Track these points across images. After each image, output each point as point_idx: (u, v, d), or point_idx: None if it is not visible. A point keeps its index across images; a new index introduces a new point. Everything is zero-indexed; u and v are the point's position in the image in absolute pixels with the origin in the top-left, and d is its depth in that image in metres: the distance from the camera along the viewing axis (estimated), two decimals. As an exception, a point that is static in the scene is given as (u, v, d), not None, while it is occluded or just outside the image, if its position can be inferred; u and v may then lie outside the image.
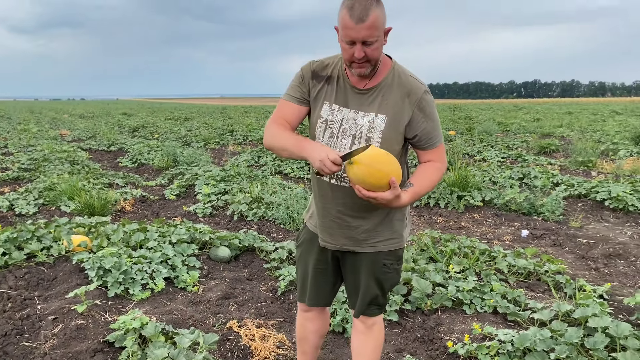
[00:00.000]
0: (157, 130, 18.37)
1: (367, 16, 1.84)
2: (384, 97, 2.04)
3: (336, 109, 2.08)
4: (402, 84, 2.05)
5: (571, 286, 3.79)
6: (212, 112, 36.04)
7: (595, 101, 74.88)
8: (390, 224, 2.18)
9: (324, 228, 2.21)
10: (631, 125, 18.28)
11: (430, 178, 2.06)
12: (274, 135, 2.10)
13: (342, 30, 1.90)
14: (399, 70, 2.09)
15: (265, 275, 4.35)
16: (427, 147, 2.10)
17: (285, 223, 5.62)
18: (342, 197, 2.11)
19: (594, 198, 6.61)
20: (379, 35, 1.89)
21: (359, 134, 2.04)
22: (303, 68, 2.16)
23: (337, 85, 2.10)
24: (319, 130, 2.10)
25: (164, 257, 4.19)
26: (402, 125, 2.03)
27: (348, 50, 1.93)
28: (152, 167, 10.09)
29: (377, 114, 2.03)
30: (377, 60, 1.98)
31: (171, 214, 6.60)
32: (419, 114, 2.04)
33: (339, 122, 2.06)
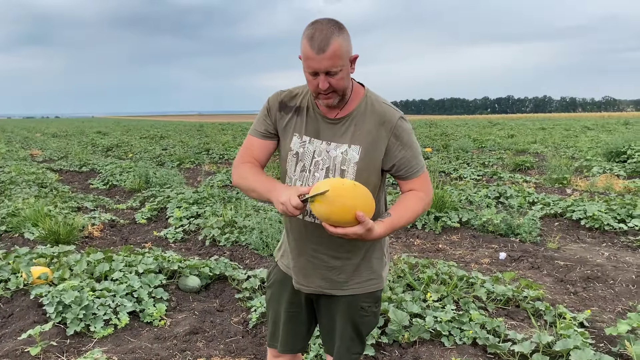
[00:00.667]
0: (132, 150, 18.06)
1: (328, 45, 1.73)
2: (356, 126, 1.92)
3: (307, 140, 1.96)
4: (376, 112, 1.94)
5: (551, 313, 3.70)
6: (189, 130, 35.71)
7: (567, 116, 76.44)
8: (369, 263, 2.05)
9: (298, 269, 2.06)
10: (602, 140, 18.56)
11: (411, 208, 1.93)
12: (243, 177, 1.98)
13: (304, 62, 1.80)
14: (371, 98, 1.98)
15: (236, 306, 4.17)
16: (408, 177, 1.98)
17: (259, 249, 5.45)
18: (318, 235, 1.97)
19: (570, 217, 6.58)
20: (342, 65, 1.78)
21: (333, 167, 1.91)
22: (270, 99, 2.03)
23: (307, 115, 1.98)
24: (290, 164, 1.98)
25: (129, 289, 3.99)
26: (378, 156, 1.91)
27: (312, 81, 1.82)
28: (123, 189, 9.82)
29: (351, 145, 1.91)
30: (344, 89, 1.86)
31: (141, 239, 6.37)
32: (395, 142, 1.92)
33: (311, 155, 1.94)
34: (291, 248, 2.07)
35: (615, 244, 5.68)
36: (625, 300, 4.17)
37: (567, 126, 33.58)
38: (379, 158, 1.92)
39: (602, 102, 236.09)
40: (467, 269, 4.91)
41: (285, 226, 2.11)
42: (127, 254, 4.71)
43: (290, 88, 2.06)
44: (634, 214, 6.30)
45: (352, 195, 1.70)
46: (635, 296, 4.22)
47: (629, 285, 4.42)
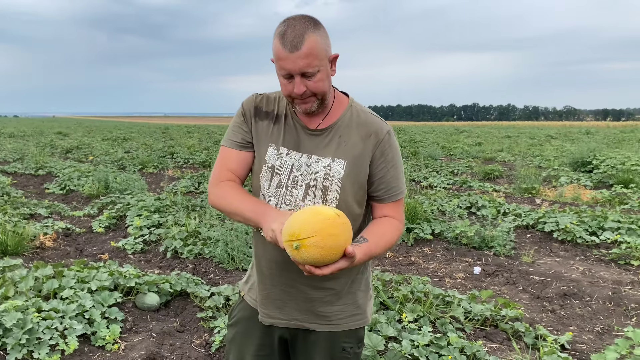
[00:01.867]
0: (92, 152, 17.40)
1: (302, 42, 1.50)
2: (341, 137, 1.69)
3: (284, 152, 1.71)
4: (362, 123, 1.71)
5: (531, 335, 3.53)
6: (154, 132, 34.87)
7: (530, 125, 78.15)
8: (353, 296, 1.80)
9: (270, 300, 1.79)
10: (567, 150, 18.87)
11: (386, 238, 1.68)
12: (222, 197, 1.71)
13: (276, 63, 1.57)
14: (357, 107, 1.75)
15: (198, 326, 3.87)
16: (385, 200, 1.74)
17: (224, 262, 5.15)
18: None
19: (542, 229, 6.51)
20: (320, 65, 1.55)
21: (314, 183, 1.67)
22: (244, 103, 1.77)
23: (285, 124, 1.73)
24: (264, 178, 1.72)
25: (80, 309, 3.65)
26: (364, 171, 1.69)
27: (286, 85, 1.59)
28: (81, 195, 9.33)
29: (335, 158, 1.68)
30: (324, 93, 1.63)
31: (98, 249, 5.99)
32: (379, 158, 1.70)
33: (288, 169, 1.69)
34: (263, 277, 1.81)
35: (588, 257, 5.60)
36: (603, 318, 4.05)
37: (532, 134, 34.20)
38: (365, 173, 1.70)
39: (563, 112, 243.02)
40: (441, 284, 4.73)
41: (256, 252, 1.84)
42: (79, 268, 4.34)
43: (267, 92, 1.81)
44: (605, 227, 6.25)
45: (340, 231, 1.45)
46: (613, 314, 4.11)
47: (606, 303, 4.31)
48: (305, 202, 1.68)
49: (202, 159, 15.08)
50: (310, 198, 1.68)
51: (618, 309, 4.19)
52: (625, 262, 5.33)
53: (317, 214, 1.45)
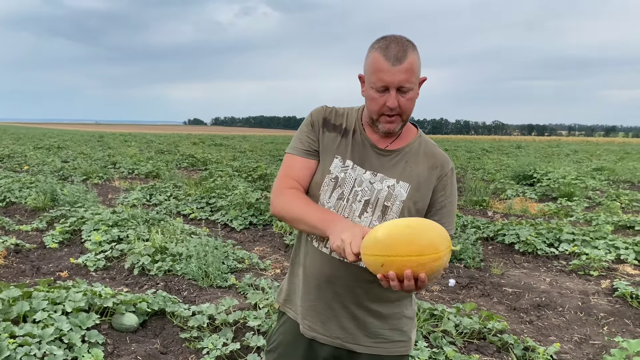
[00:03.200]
0: (27, 162, 16.44)
1: (405, 57, 1.52)
2: (408, 163, 1.70)
3: (350, 165, 1.70)
4: (430, 154, 1.73)
5: (519, 347, 3.63)
6: (89, 140, 33.45)
7: (463, 138, 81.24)
8: (399, 321, 1.77)
9: (315, 313, 1.75)
10: (506, 163, 19.74)
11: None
12: (288, 205, 1.66)
13: (373, 75, 1.55)
14: (425, 138, 1.77)
15: (182, 347, 3.71)
16: None
17: (198, 279, 4.97)
18: (345, 277, 1.70)
19: (502, 241, 6.74)
20: (414, 83, 1.57)
21: (374, 201, 1.67)
22: (313, 113, 1.76)
23: (353, 138, 1.72)
24: (325, 188, 1.69)
25: (57, 334, 3.40)
26: (425, 198, 1.69)
27: (378, 99, 1.58)
28: (25, 207, 8.77)
29: (399, 181, 1.68)
30: (409, 114, 1.64)
31: (55, 267, 5.63)
32: (440, 190, 1.72)
33: (351, 183, 1.68)
34: (309, 287, 1.76)
35: (550, 268, 5.85)
36: (578, 328, 4.23)
37: (468, 148, 35.53)
38: (426, 201, 1.70)
39: (492, 126, 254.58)
40: (419, 297, 4.78)
41: (303, 263, 1.79)
42: (48, 288, 4.07)
43: (335, 106, 1.80)
44: (561, 238, 6.56)
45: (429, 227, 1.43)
46: (586, 324, 4.30)
47: (577, 312, 4.50)
48: (362, 218, 1.68)
49: (149, 169, 14.60)
50: (368, 215, 1.68)
51: (590, 318, 4.39)
52: (585, 272, 5.60)
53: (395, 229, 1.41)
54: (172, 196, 9.89)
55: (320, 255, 1.72)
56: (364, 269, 1.66)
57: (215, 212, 8.41)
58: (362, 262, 1.43)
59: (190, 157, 18.98)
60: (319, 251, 1.73)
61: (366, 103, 1.66)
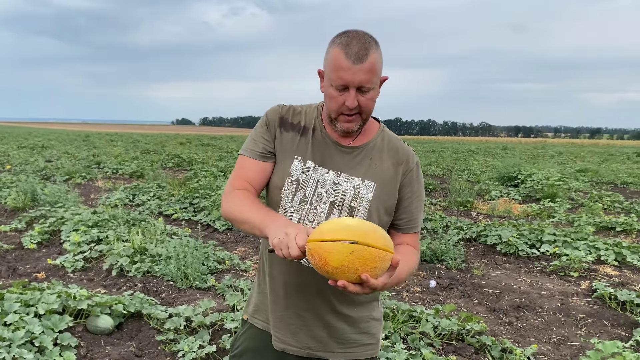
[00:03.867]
0: (9, 161, 16.23)
1: (366, 56, 1.47)
2: (372, 160, 1.65)
3: (311, 167, 1.64)
4: (394, 149, 1.69)
5: (497, 348, 3.62)
6: (74, 140, 33.13)
7: (450, 140, 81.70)
8: (368, 324, 1.74)
9: (284, 324, 1.70)
10: (491, 164, 19.86)
11: (410, 264, 1.62)
12: (237, 206, 1.59)
13: (333, 73, 1.50)
14: (388, 133, 1.73)
15: (158, 350, 3.66)
16: (404, 230, 1.72)
17: (177, 280, 4.92)
18: (316, 284, 1.63)
19: (485, 242, 6.75)
20: (375, 83, 1.53)
21: (340, 202, 1.61)
22: (268, 113, 1.70)
23: (313, 137, 1.67)
24: (286, 192, 1.63)
25: (28, 337, 3.33)
26: (392, 197, 1.65)
27: (337, 98, 1.52)
28: (5, 207, 8.64)
29: (365, 180, 1.63)
30: (370, 113, 1.59)
31: (32, 268, 5.54)
32: (407, 187, 1.68)
33: (314, 184, 1.63)
34: (277, 298, 1.71)
35: (531, 269, 5.87)
36: (556, 329, 4.23)
37: (454, 149, 35.72)
38: (393, 199, 1.67)
39: (479, 127, 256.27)
40: (399, 298, 4.77)
41: (270, 272, 1.73)
42: (22, 290, 3.99)
43: (292, 104, 1.74)
44: (542, 239, 6.59)
45: (381, 234, 1.34)
46: (565, 325, 4.31)
47: (557, 314, 4.52)
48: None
49: (133, 169, 14.47)
50: (335, 217, 1.62)
51: (568, 319, 4.40)
52: (565, 273, 5.63)
53: (363, 222, 1.36)
54: (156, 196, 9.80)
55: (287, 262, 1.65)
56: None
57: (198, 212, 8.33)
58: (310, 257, 1.31)
59: (176, 157, 18.84)
60: (286, 261, 1.65)
61: (325, 100, 1.61)
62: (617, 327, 4.27)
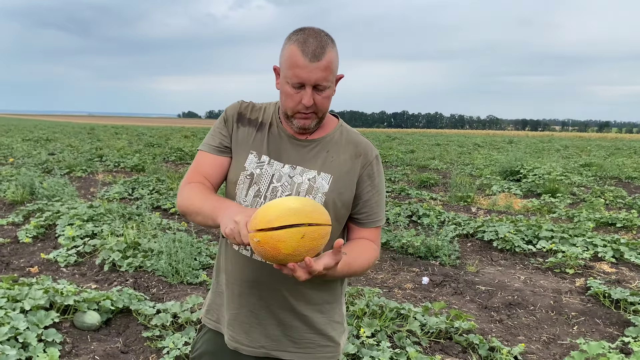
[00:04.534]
0: (12, 154, 16.29)
1: (323, 54, 1.46)
2: (329, 153, 1.64)
3: (266, 161, 1.63)
4: (352, 142, 1.67)
5: (485, 347, 3.59)
6: (79, 133, 33.24)
7: (457, 133, 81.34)
8: (327, 326, 1.70)
9: (238, 322, 1.67)
10: (495, 158, 19.73)
11: (364, 256, 1.60)
12: (189, 197, 1.58)
13: (288, 70, 1.48)
14: (347, 128, 1.71)
15: (144, 346, 3.65)
16: (365, 224, 1.69)
17: (168, 275, 4.91)
18: (269, 279, 1.61)
19: (482, 238, 6.70)
20: (331, 81, 1.51)
21: (295, 195, 1.58)
22: (228, 109, 1.70)
23: (269, 132, 1.66)
24: (241, 187, 1.62)
25: (13, 332, 3.33)
26: (349, 189, 1.63)
27: (294, 96, 1.51)
28: (3, 201, 8.66)
29: (320, 172, 1.61)
30: (326, 112, 1.58)
31: (26, 262, 5.56)
32: (366, 180, 1.65)
33: (269, 178, 1.61)
34: (232, 295, 1.68)
35: (527, 266, 5.81)
36: (547, 327, 4.19)
37: (460, 142, 35.55)
38: (351, 192, 1.64)
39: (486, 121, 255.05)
40: (391, 295, 4.74)
41: (225, 267, 1.70)
42: (9, 285, 3.99)
43: (252, 101, 1.74)
44: (540, 236, 6.53)
45: (321, 211, 1.30)
46: (557, 323, 4.26)
47: (549, 312, 4.47)
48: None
49: (135, 163, 14.48)
50: None
51: (560, 317, 4.36)
52: (561, 270, 5.57)
53: (302, 199, 1.31)
54: (155, 190, 9.79)
55: (241, 258, 1.64)
56: None
57: (195, 206, 8.31)
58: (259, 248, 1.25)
59: (178, 151, 18.85)
60: (239, 254, 1.65)
61: (281, 97, 1.58)
62: (609, 326, 4.22)
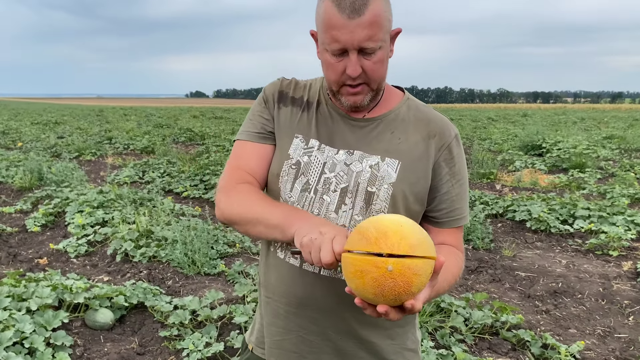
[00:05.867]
0: (21, 138, 16.04)
1: (365, 6, 1.08)
2: (394, 133, 1.27)
3: (315, 146, 1.27)
4: (424, 119, 1.29)
5: (537, 344, 3.24)
6: (87, 115, 32.95)
7: (468, 107, 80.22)
8: (397, 355, 1.34)
9: (283, 351, 1.32)
10: (512, 132, 19.19)
11: (453, 272, 1.24)
12: (243, 203, 1.23)
13: (324, 34, 1.13)
14: (415, 102, 1.33)
15: (162, 347, 3.34)
16: (445, 224, 1.31)
17: (184, 266, 4.59)
18: (331, 300, 1.27)
19: (513, 218, 6.32)
20: (383, 40, 1.14)
21: (354, 187, 1.23)
22: (266, 88, 1.34)
23: (317, 112, 1.30)
24: (285, 179, 1.27)
25: (18, 337, 3.02)
26: (424, 179, 1.26)
27: (335, 65, 1.15)
28: (11, 187, 8.38)
29: (385, 157, 1.25)
30: (381, 80, 1.21)
31: (35, 253, 5.27)
32: (444, 167, 1.28)
33: (320, 168, 1.25)
34: (277, 317, 1.33)
35: (565, 248, 5.43)
36: (600, 318, 3.83)
37: (473, 117, 34.87)
38: (425, 182, 1.27)
39: (497, 94, 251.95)
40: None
41: (266, 284, 1.36)
42: (15, 282, 3.69)
43: (294, 78, 1.37)
44: (576, 215, 6.13)
45: (427, 242, 0.98)
46: (609, 313, 3.90)
47: (599, 300, 4.10)
48: (339, 213, 1.24)
49: (144, 145, 14.16)
50: (348, 208, 1.24)
51: (613, 306, 3.99)
52: (603, 252, 5.19)
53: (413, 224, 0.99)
54: (166, 173, 9.48)
55: (289, 269, 1.29)
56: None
57: (209, 189, 7.99)
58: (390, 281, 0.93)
59: (188, 132, 18.50)
60: (284, 263, 1.30)
61: (323, 70, 1.23)
62: (667, 315, 3.85)
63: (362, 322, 1.29)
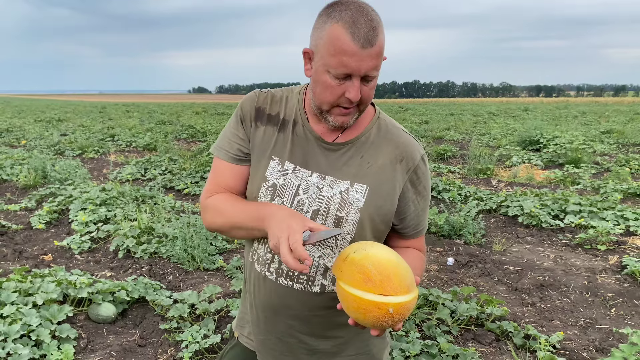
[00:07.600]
0: (25, 136, 16.21)
1: (376, 37, 1.18)
2: (364, 158, 1.37)
3: (290, 169, 1.37)
4: (393, 142, 1.39)
5: (520, 335, 3.39)
6: (90, 112, 33.13)
7: (470, 101, 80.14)
8: (366, 344, 1.49)
9: (266, 349, 1.48)
10: (512, 127, 19.28)
11: (418, 273, 1.36)
12: (220, 212, 1.37)
13: (332, 57, 1.20)
14: (385, 121, 1.43)
15: (162, 339, 3.51)
16: (412, 236, 1.46)
17: (184, 262, 4.75)
18: (296, 305, 1.41)
19: (506, 213, 6.46)
20: (379, 68, 1.25)
21: (325, 210, 1.34)
22: (243, 104, 1.43)
23: (293, 133, 1.39)
24: (262, 199, 1.38)
25: (25, 330, 3.19)
26: (389, 203, 1.37)
27: (335, 88, 1.24)
28: (16, 185, 8.55)
29: (354, 183, 1.35)
30: (368, 105, 1.32)
31: (40, 249, 5.43)
32: (410, 188, 1.39)
33: (293, 190, 1.36)
34: (258, 320, 1.48)
35: (555, 242, 5.57)
36: (583, 310, 3.97)
37: (474, 112, 34.92)
38: (391, 205, 1.38)
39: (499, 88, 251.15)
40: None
41: (248, 289, 1.51)
42: (21, 277, 3.86)
43: (271, 90, 1.46)
44: (567, 210, 6.27)
45: (404, 270, 1.14)
46: (592, 305, 4.04)
47: (583, 293, 4.25)
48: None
49: (146, 142, 14.32)
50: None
51: (596, 299, 4.14)
52: (592, 246, 5.33)
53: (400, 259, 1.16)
54: (167, 170, 9.64)
55: (265, 282, 1.43)
56: (317, 293, 1.38)
57: (209, 186, 8.13)
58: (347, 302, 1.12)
59: (190, 128, 18.64)
60: (262, 277, 1.43)
61: (315, 89, 1.29)
62: (649, 307, 4.00)
63: (331, 324, 1.44)
